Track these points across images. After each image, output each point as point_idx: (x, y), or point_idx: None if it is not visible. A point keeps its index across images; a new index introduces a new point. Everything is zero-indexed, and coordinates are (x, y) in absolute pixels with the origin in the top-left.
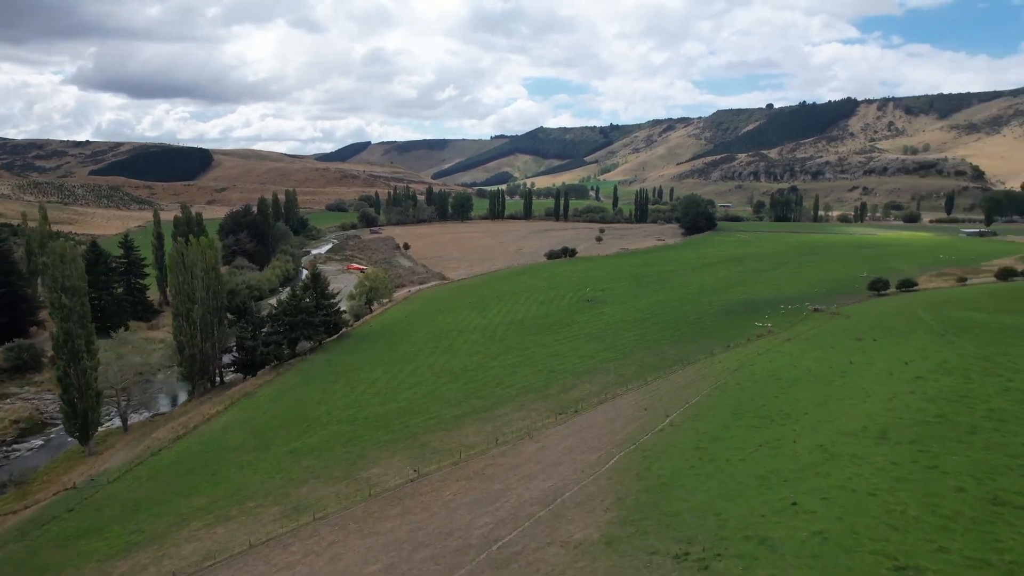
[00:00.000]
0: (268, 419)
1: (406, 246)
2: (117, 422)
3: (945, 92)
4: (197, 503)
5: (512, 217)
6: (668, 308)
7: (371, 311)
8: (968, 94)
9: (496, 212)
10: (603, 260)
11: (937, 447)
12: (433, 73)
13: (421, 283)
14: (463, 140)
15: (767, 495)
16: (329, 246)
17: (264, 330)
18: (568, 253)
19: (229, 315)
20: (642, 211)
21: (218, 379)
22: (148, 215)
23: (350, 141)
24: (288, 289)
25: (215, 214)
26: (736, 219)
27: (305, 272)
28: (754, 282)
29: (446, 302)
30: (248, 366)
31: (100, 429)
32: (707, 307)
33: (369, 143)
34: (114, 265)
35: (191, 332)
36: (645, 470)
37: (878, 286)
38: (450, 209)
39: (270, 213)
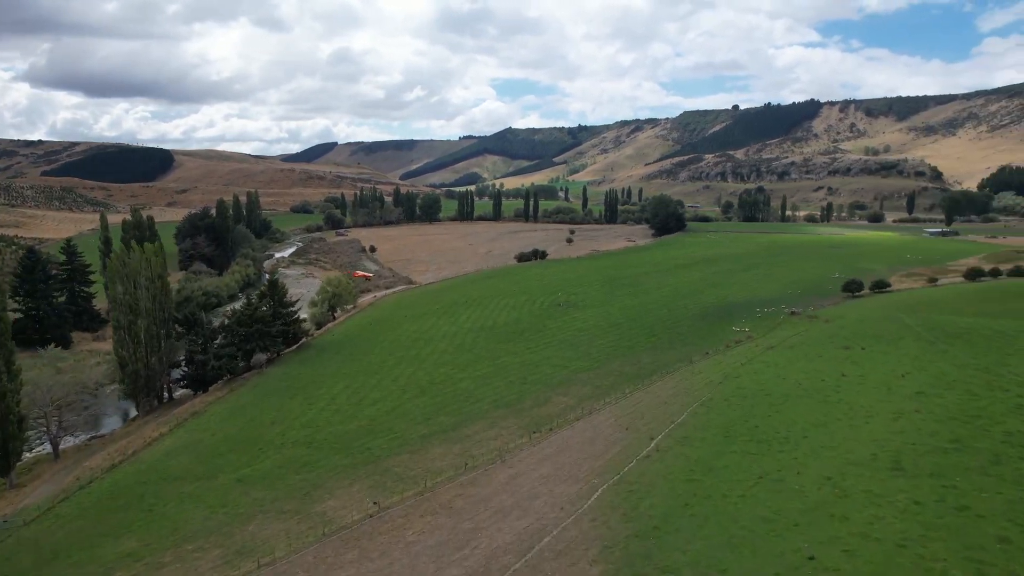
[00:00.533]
0: (217, 442)
1: (372, 249)
2: (48, 447)
3: (903, 95)
4: (126, 546)
5: (481, 218)
6: (642, 312)
7: (334, 318)
8: (925, 97)
9: (465, 213)
10: (574, 262)
11: (962, 482)
12: (400, 73)
13: (388, 287)
14: (431, 141)
15: (777, 544)
16: (293, 249)
17: (216, 342)
18: (539, 255)
19: (178, 327)
20: (612, 212)
21: (167, 395)
22: (106, 217)
23: (316, 142)
24: (244, 297)
25: (175, 216)
26: (705, 219)
27: (267, 276)
28: (727, 284)
29: (413, 308)
30: (199, 381)
31: (27, 456)
32: (682, 311)
33: (336, 144)
34: (55, 272)
35: (134, 347)
36: (633, 508)
37: (852, 287)
38: (418, 210)
39: (230, 215)
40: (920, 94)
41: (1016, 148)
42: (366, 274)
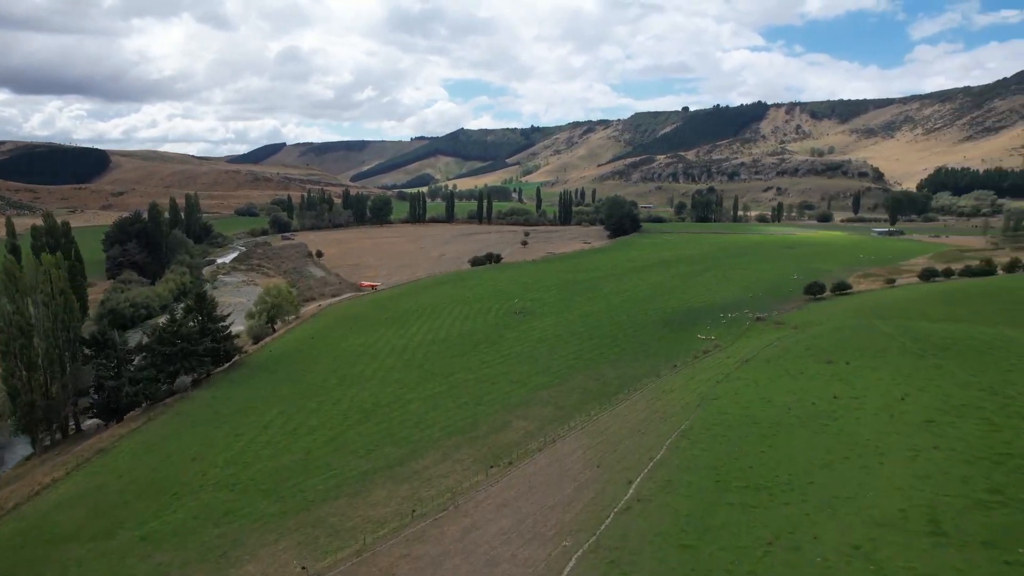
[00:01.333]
0: (122, 486)
1: (319, 253)
2: None
3: (844, 98)
4: None
5: (434, 220)
6: (603, 319)
7: (274, 331)
8: (865, 100)
9: (417, 215)
10: (530, 266)
11: None
12: (351, 73)
13: (334, 295)
14: (382, 142)
15: None
16: (235, 254)
17: (134, 363)
18: (493, 259)
19: (86, 349)
20: (566, 213)
21: (73, 427)
22: (29, 221)
23: (265, 143)
24: (170, 311)
25: (111, 220)
26: (659, 220)
27: (207, 284)
28: (687, 288)
29: (360, 318)
30: (111, 410)
31: None
32: (643, 317)
33: (284, 144)
34: None
35: (28, 374)
36: None
37: (814, 290)
38: (368, 213)
39: (163, 220)
40: (860, 98)
41: (949, 150)
42: (372, 283)
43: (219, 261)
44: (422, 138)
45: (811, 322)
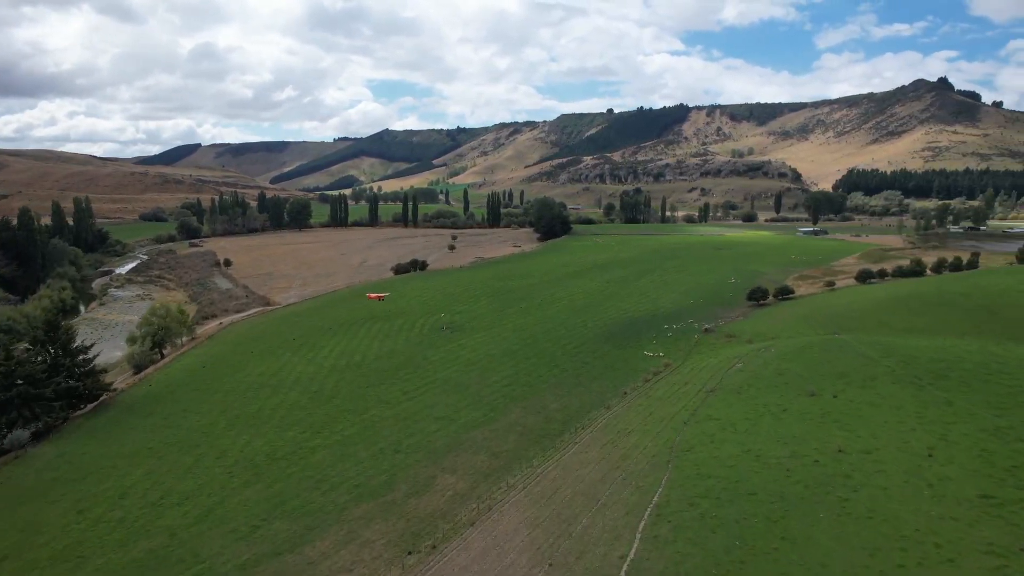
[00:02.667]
0: None
1: (227, 262)
2: None
3: (761, 102)
4: None
5: (357, 224)
6: (539, 334)
7: (162, 357)
8: (780, 104)
9: (338, 219)
10: (458, 273)
11: None
12: (270, 72)
13: (239, 311)
14: (304, 142)
15: None
16: (135, 264)
17: None
18: (418, 266)
19: None
20: (495, 215)
21: None
22: None
23: (179, 143)
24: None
25: None
26: (589, 221)
27: (97, 301)
28: (625, 294)
29: (266, 339)
30: None
31: None
32: (583, 331)
33: (200, 145)
34: None
35: None
36: None
37: (756, 296)
38: (286, 217)
39: (38, 227)
40: (775, 101)
41: (859, 152)
42: (379, 295)
43: (118, 271)
44: (345, 139)
45: (763, 333)
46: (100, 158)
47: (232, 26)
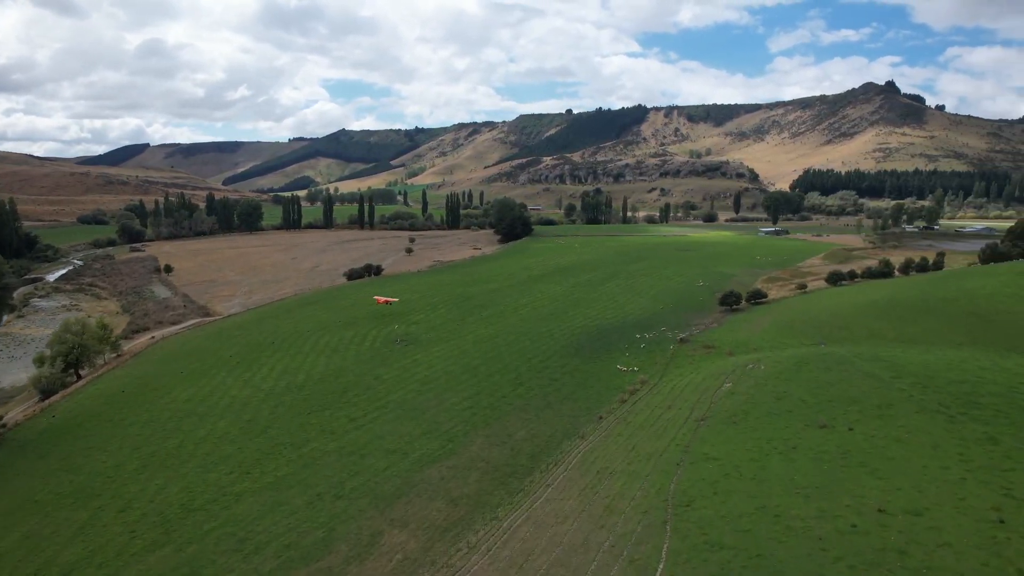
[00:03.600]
0: None
1: (168, 268)
2: None
3: (718, 103)
4: None
5: (311, 227)
6: (502, 346)
7: (79, 378)
8: (736, 105)
9: (291, 221)
10: (415, 278)
11: None
12: (223, 71)
13: (175, 323)
14: (258, 143)
15: None
16: (66, 271)
17: None
18: (373, 271)
19: None
20: (454, 216)
21: None
22: None
23: (126, 143)
24: None
25: None
26: (550, 222)
27: (16, 313)
28: (592, 300)
29: (200, 356)
30: None
31: None
32: (550, 341)
33: (148, 145)
34: None
35: None
36: None
37: (729, 300)
38: (236, 219)
39: None
40: (731, 102)
41: (814, 152)
42: (389, 299)
43: (49, 278)
44: (301, 139)
45: (743, 343)
46: (38, 157)
47: (182, 22)
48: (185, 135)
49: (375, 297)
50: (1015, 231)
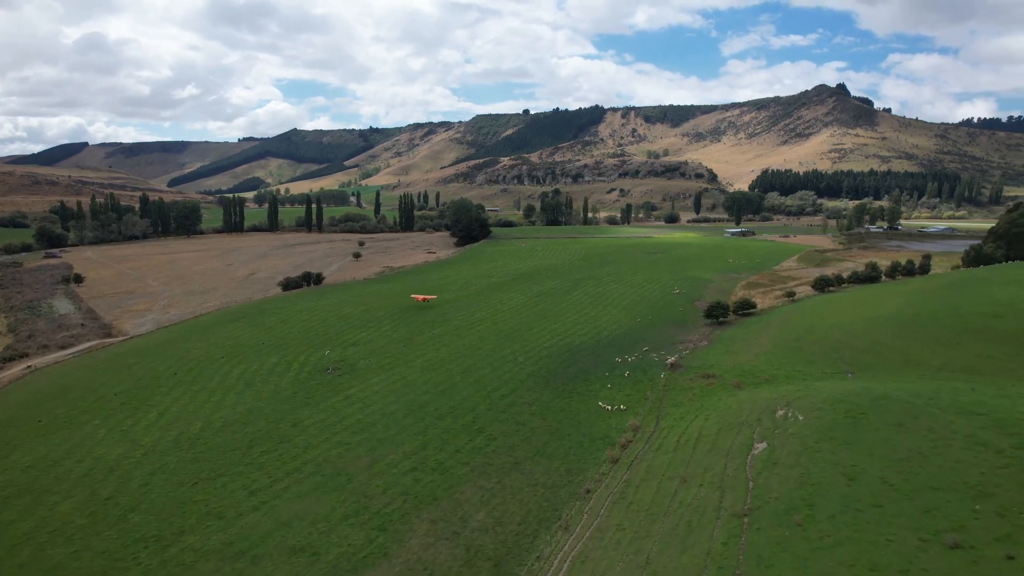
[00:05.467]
0: None
1: (78, 278)
2: None
3: (674, 104)
4: None
5: (255, 229)
6: (457, 375)
7: None
8: (692, 106)
9: (233, 224)
10: (360, 288)
11: None
12: (169, 68)
13: (66, 346)
14: (206, 143)
15: None
16: None
17: None
18: (312, 280)
19: None
20: (408, 218)
21: None
22: None
23: (65, 142)
24: None
25: None
26: (509, 224)
27: None
28: (559, 313)
29: (73, 396)
30: None
31: None
32: (513, 368)
33: (87, 144)
34: None
35: None
36: None
37: (716, 313)
38: (173, 222)
39: None
40: (687, 103)
41: (771, 152)
42: (427, 296)
43: None
44: (251, 139)
45: (749, 370)
46: None
47: (124, 17)
48: (130, 135)
49: (413, 296)
50: (996, 231)
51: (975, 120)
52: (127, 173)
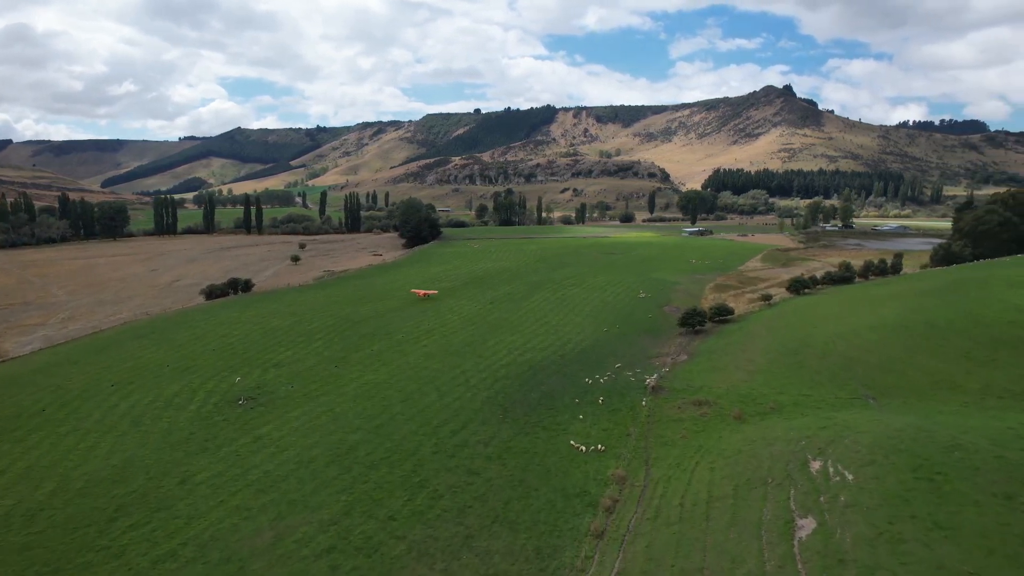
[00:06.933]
0: None
1: None
2: None
3: (626, 104)
4: None
5: (191, 231)
6: (396, 405)
7: None
8: (643, 107)
9: (166, 226)
10: (294, 296)
11: None
12: (104, 64)
13: None
14: (144, 142)
15: None
16: None
17: None
18: (239, 287)
19: None
20: (354, 219)
21: None
22: None
23: None
24: None
25: None
26: (460, 224)
27: None
28: (517, 322)
29: None
30: None
31: None
32: (464, 393)
33: (11, 142)
34: None
35: None
36: None
37: (692, 321)
38: (96, 224)
39: None
40: (638, 104)
41: (721, 152)
42: (429, 291)
43: None
44: (193, 138)
45: (746, 394)
46: None
47: (52, 8)
48: (63, 133)
49: (413, 291)
50: (963, 230)
51: (910, 123)
52: (54, 173)
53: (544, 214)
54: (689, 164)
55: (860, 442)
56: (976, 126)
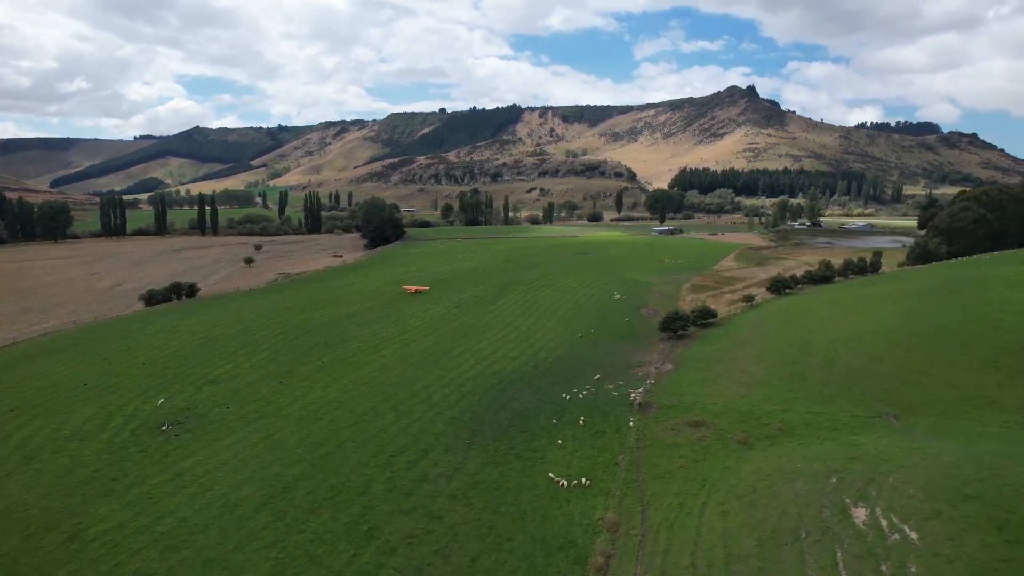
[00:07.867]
0: None
1: None
2: None
3: (591, 104)
4: None
5: (142, 233)
6: (346, 429)
7: None
8: (609, 107)
9: (114, 227)
10: (242, 301)
11: None
12: (54, 59)
13: None
14: (97, 140)
15: None
16: None
17: None
18: (183, 292)
19: None
20: (315, 219)
21: None
22: None
23: None
24: None
25: None
26: (426, 224)
27: None
28: (484, 328)
29: None
30: None
31: None
32: (427, 413)
33: None
34: None
35: None
36: None
37: (674, 325)
38: (37, 225)
39: None
40: (603, 104)
41: (687, 152)
42: (421, 287)
43: None
44: (149, 137)
45: (745, 411)
46: None
47: None
48: (10, 130)
49: (405, 287)
50: (937, 227)
51: (868, 124)
52: None
53: (511, 213)
54: (655, 164)
55: (910, 482)
56: (930, 127)
